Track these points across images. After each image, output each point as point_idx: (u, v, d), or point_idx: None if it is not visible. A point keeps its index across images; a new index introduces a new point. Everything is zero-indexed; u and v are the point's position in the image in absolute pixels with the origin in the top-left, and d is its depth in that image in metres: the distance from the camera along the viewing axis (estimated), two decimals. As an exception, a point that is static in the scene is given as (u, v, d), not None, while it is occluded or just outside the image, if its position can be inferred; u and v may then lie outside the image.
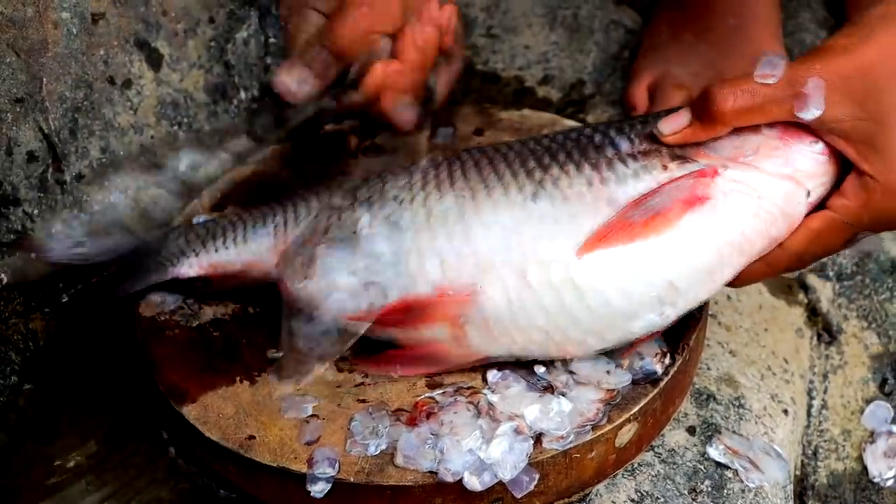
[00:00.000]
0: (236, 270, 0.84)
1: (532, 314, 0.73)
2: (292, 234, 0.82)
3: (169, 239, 0.86)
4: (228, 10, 1.00)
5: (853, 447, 0.96)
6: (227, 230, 0.85)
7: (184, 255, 0.84)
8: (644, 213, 0.72)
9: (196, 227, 0.87)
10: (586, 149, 0.76)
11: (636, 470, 0.79)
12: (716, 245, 0.73)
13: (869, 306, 1.05)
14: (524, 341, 0.75)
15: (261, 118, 1.04)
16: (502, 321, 0.74)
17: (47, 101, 0.89)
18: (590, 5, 1.21)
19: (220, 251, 0.84)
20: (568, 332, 0.74)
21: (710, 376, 0.88)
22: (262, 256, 0.83)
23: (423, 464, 0.71)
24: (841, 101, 0.71)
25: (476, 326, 0.74)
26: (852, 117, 0.71)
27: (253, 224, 0.84)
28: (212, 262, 0.84)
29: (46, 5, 0.87)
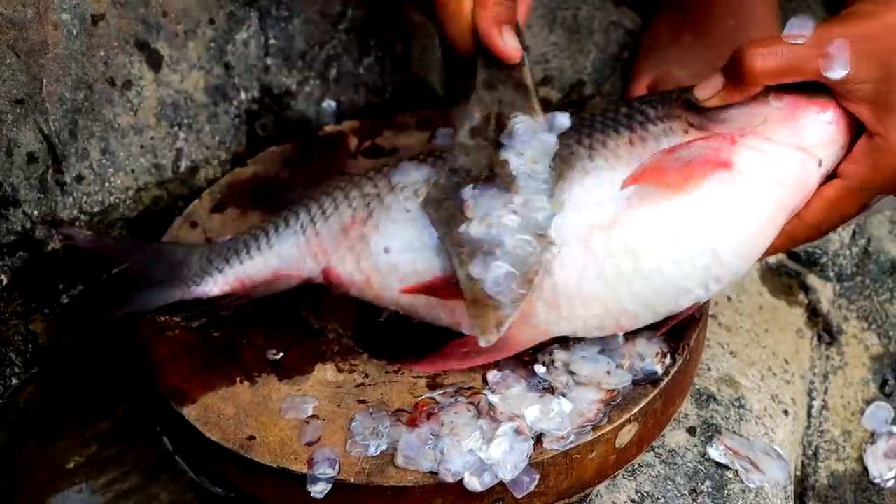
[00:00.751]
0: (265, 280, 0.83)
1: (595, 284, 0.75)
2: (323, 228, 0.82)
3: (192, 257, 0.84)
4: (228, 11, 1.00)
5: (853, 448, 0.96)
6: (248, 241, 0.84)
7: (206, 273, 0.83)
8: (675, 161, 0.75)
9: (217, 244, 0.86)
10: (618, 119, 0.80)
11: (637, 470, 0.79)
12: (753, 213, 0.75)
13: (869, 307, 1.05)
14: (585, 314, 0.76)
15: (261, 119, 1.04)
16: (569, 293, 0.75)
17: (47, 103, 0.89)
18: (589, 6, 1.21)
19: (245, 263, 0.83)
20: (625, 304, 0.76)
21: (711, 377, 0.88)
22: (291, 259, 0.83)
23: (423, 464, 0.71)
24: (865, 63, 0.72)
25: (544, 301, 0.75)
26: (874, 80, 0.73)
27: (276, 228, 0.83)
28: (237, 276, 0.83)
29: (47, 6, 0.87)
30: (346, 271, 0.81)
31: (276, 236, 0.83)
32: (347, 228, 0.81)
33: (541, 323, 0.76)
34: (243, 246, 0.84)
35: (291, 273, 0.83)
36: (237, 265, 0.83)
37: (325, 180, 0.96)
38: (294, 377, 0.79)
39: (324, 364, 0.80)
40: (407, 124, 1.02)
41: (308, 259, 0.82)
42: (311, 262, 0.82)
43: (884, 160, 0.74)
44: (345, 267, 0.81)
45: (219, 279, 0.83)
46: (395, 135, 1.01)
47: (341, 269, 0.81)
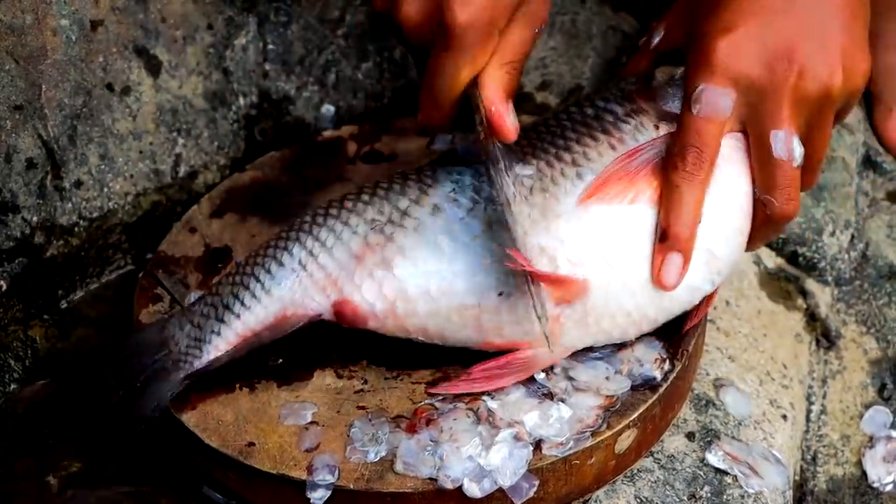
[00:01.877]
0: (269, 326, 0.77)
1: (621, 297, 0.75)
2: (328, 261, 0.77)
3: (170, 331, 0.78)
4: (227, 16, 1.00)
5: (852, 452, 0.96)
6: (239, 292, 0.77)
7: (202, 340, 0.77)
8: (640, 164, 0.76)
9: (199, 305, 0.79)
10: (588, 123, 0.79)
11: (636, 476, 0.79)
12: (736, 201, 0.76)
13: (868, 311, 1.05)
14: (610, 327, 0.76)
15: (259, 124, 1.04)
16: (597, 309, 0.75)
17: (46, 108, 0.89)
18: (588, 11, 1.21)
19: (242, 316, 0.77)
20: (647, 311, 0.76)
21: (710, 382, 0.88)
22: (294, 298, 0.77)
23: (422, 470, 0.72)
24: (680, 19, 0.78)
25: (574, 318, 0.75)
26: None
27: (268, 270, 0.78)
28: (238, 332, 0.77)
29: (45, 12, 0.87)
30: (366, 301, 0.76)
31: (272, 279, 0.77)
32: (361, 256, 0.76)
33: (568, 341, 0.76)
34: (234, 299, 0.77)
35: (297, 313, 0.77)
36: (235, 321, 0.77)
37: (324, 186, 0.96)
38: (293, 383, 0.79)
39: (323, 370, 0.80)
40: (406, 129, 1.02)
41: (315, 295, 0.77)
42: (320, 297, 0.77)
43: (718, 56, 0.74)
44: (363, 296, 0.76)
45: (220, 343, 0.77)
46: (393, 140, 1.01)
47: (358, 299, 0.76)
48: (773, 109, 0.74)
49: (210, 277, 0.88)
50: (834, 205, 1.06)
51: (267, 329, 0.77)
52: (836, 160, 1.09)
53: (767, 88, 0.73)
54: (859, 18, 0.76)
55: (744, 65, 0.73)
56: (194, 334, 0.77)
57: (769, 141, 0.74)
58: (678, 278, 0.75)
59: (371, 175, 0.97)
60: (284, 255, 0.78)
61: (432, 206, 0.77)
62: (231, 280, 0.79)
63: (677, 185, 0.74)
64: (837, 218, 1.05)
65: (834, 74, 0.73)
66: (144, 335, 0.78)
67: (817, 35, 0.73)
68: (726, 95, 0.74)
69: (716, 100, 0.74)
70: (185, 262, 0.90)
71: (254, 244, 0.91)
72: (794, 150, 0.74)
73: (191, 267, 0.89)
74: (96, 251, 0.95)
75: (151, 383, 0.76)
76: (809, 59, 0.73)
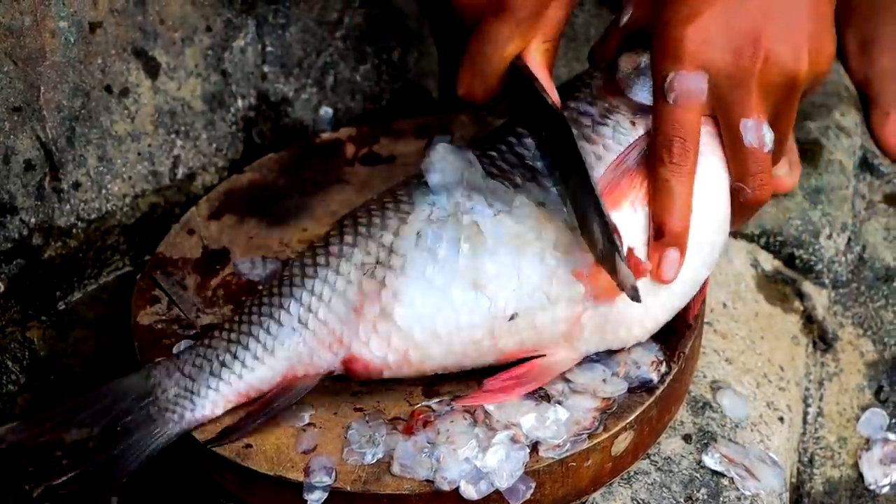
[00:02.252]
0: (277, 386, 0.74)
1: (634, 306, 0.74)
2: (329, 316, 0.74)
3: (158, 377, 0.74)
4: (226, 18, 1.00)
5: (849, 454, 0.96)
6: (236, 351, 0.74)
7: (195, 393, 0.73)
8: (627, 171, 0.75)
9: (190, 355, 0.75)
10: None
11: (632, 478, 0.79)
12: (720, 190, 0.76)
13: (864, 314, 1.05)
14: (625, 334, 0.76)
15: (258, 126, 1.04)
16: (616, 319, 0.75)
17: (44, 110, 0.89)
18: (586, 14, 1.22)
19: (244, 376, 0.74)
20: (658, 316, 0.76)
21: (706, 384, 0.88)
22: (301, 358, 0.74)
23: (419, 472, 0.72)
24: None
25: (592, 329, 0.75)
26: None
27: (268, 330, 0.74)
28: (240, 390, 0.74)
29: (44, 14, 0.87)
30: (377, 357, 0.74)
31: (273, 338, 0.74)
32: (359, 308, 0.74)
33: (583, 347, 0.76)
34: (233, 357, 0.74)
35: (307, 372, 0.75)
36: (235, 380, 0.74)
37: (322, 188, 0.96)
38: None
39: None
40: (404, 131, 1.02)
41: (322, 352, 0.74)
42: (327, 355, 0.74)
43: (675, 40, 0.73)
44: (372, 352, 0.74)
45: (218, 399, 0.74)
46: (392, 142, 1.01)
47: (368, 355, 0.74)
48: (743, 97, 0.73)
49: (208, 279, 0.88)
50: (831, 207, 1.06)
51: (275, 390, 0.74)
52: (833, 163, 1.10)
53: (735, 76, 0.73)
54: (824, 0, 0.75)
55: (712, 52, 0.72)
56: (184, 384, 0.74)
57: (739, 130, 0.74)
58: (677, 272, 0.74)
59: (369, 176, 0.97)
60: (282, 314, 0.75)
61: (415, 235, 0.75)
62: (227, 337, 0.75)
63: (666, 180, 0.73)
64: (834, 221, 1.06)
65: (800, 59, 0.73)
66: (127, 381, 0.74)
67: (783, 18, 0.73)
68: (700, 80, 0.73)
69: (689, 86, 0.73)
70: (184, 264, 0.90)
71: (251, 246, 0.91)
72: (764, 136, 0.74)
73: (189, 268, 0.89)
74: (94, 253, 0.95)
75: (134, 433, 0.72)
76: (775, 43, 0.72)
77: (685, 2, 0.73)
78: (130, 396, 0.73)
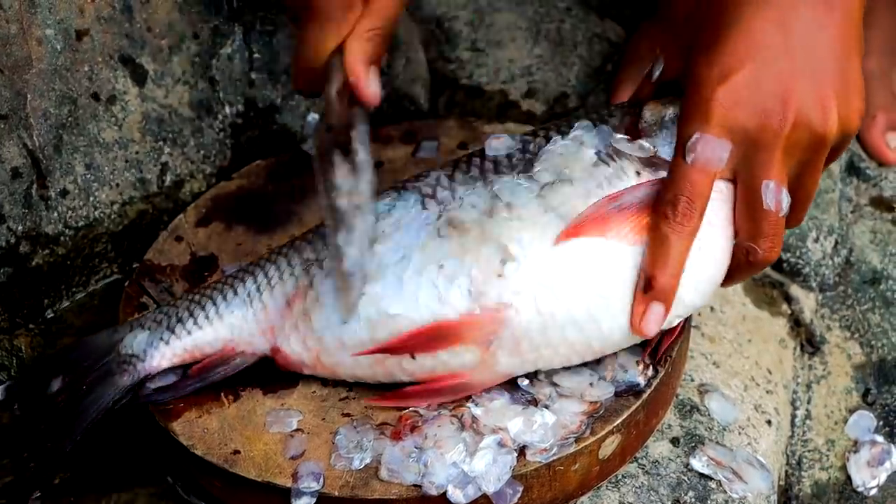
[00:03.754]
0: (215, 354, 0.78)
1: (563, 326, 0.74)
2: (270, 301, 0.78)
3: (122, 334, 0.79)
4: (213, 25, 1.00)
5: (837, 457, 0.97)
6: (194, 310, 0.79)
7: (151, 346, 0.78)
8: (619, 209, 0.74)
9: (154, 313, 0.80)
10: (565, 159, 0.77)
11: (620, 482, 0.79)
12: (712, 253, 0.75)
13: (852, 316, 1.05)
14: (550, 356, 0.75)
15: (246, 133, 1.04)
16: (533, 339, 0.74)
17: (31, 118, 0.89)
18: (573, 19, 1.22)
19: (193, 333, 0.78)
20: (592, 342, 0.75)
21: (694, 387, 0.88)
22: (241, 333, 0.78)
23: (407, 477, 0.72)
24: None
25: (506, 349, 0.74)
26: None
27: (224, 296, 0.79)
28: (186, 347, 0.78)
29: (31, 22, 0.87)
30: (294, 352, 0.77)
31: (226, 305, 0.79)
32: (291, 302, 0.78)
33: (500, 368, 0.75)
34: (189, 315, 0.79)
35: (244, 350, 0.79)
36: (185, 335, 0.78)
37: (310, 194, 0.96)
38: (279, 391, 0.79)
39: (308, 378, 0.80)
40: (391, 137, 1.02)
41: (257, 336, 0.78)
42: (261, 339, 0.78)
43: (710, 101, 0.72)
44: (292, 347, 0.77)
45: (166, 351, 0.78)
46: (379, 148, 1.01)
47: (289, 349, 0.77)
48: (766, 160, 0.72)
49: (196, 286, 0.88)
50: (818, 211, 1.07)
51: (213, 357, 0.78)
52: (820, 166, 1.10)
53: (762, 139, 0.72)
54: (853, 53, 0.74)
55: (741, 114, 0.72)
56: (143, 338, 0.78)
57: (759, 191, 0.73)
58: (658, 327, 0.74)
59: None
60: (238, 286, 0.79)
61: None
62: (189, 298, 0.80)
63: (666, 236, 0.73)
64: (821, 224, 1.06)
65: (828, 120, 0.72)
66: (97, 338, 0.79)
67: (813, 78, 0.72)
68: (723, 147, 0.72)
69: (712, 151, 0.72)
70: (171, 271, 0.90)
71: (240, 252, 0.91)
72: (782, 200, 0.73)
73: (177, 275, 0.90)
74: (82, 260, 0.95)
75: (97, 386, 0.77)
76: (805, 104, 0.72)
77: (717, 61, 0.72)
78: (98, 352, 0.78)
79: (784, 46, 0.72)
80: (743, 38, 0.72)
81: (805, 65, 0.72)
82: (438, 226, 0.76)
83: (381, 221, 0.78)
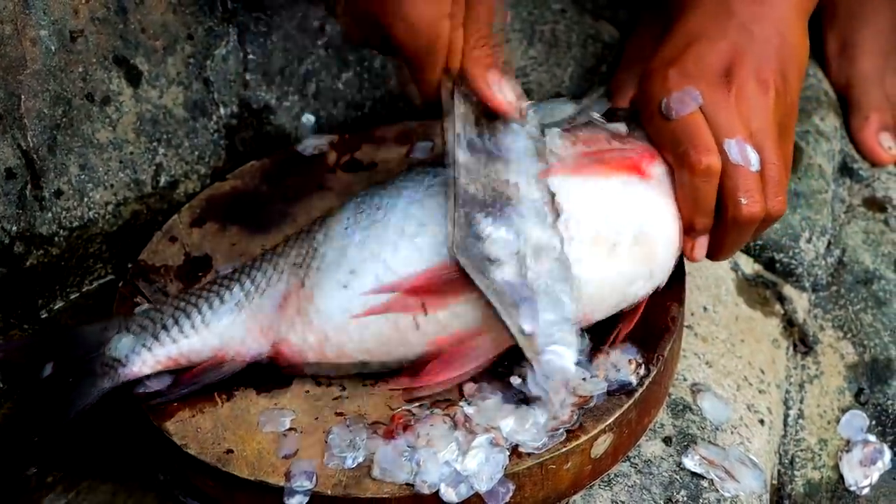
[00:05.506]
0: (205, 361, 0.78)
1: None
2: (263, 304, 0.79)
3: (112, 332, 0.78)
4: (207, 26, 1.00)
5: (829, 456, 0.97)
6: (179, 318, 0.78)
7: (134, 351, 0.77)
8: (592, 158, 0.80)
9: (140, 317, 0.79)
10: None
11: (612, 481, 0.79)
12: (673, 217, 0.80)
13: (844, 316, 1.06)
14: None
15: (240, 133, 1.04)
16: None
17: (26, 119, 0.89)
18: (567, 20, 1.22)
19: (178, 341, 0.78)
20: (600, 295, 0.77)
21: (687, 387, 0.88)
22: (233, 339, 0.78)
23: (399, 476, 0.72)
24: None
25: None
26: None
27: (210, 304, 0.79)
28: (170, 355, 0.78)
29: (25, 23, 0.88)
30: (295, 347, 0.77)
31: (213, 313, 0.78)
32: (284, 302, 0.78)
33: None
34: (174, 322, 0.78)
35: (236, 355, 0.78)
36: (169, 343, 0.78)
37: (304, 195, 0.96)
38: (272, 390, 0.79)
39: (301, 377, 0.80)
40: (386, 138, 1.02)
41: (253, 338, 0.78)
42: (259, 340, 0.78)
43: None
44: (291, 343, 0.78)
45: (148, 358, 0.77)
46: (373, 149, 1.01)
47: (288, 346, 0.78)
48: (724, 121, 0.78)
49: (190, 286, 0.88)
50: (810, 211, 1.07)
51: (203, 363, 0.78)
52: (813, 167, 1.10)
53: (714, 102, 0.78)
54: (792, 45, 0.82)
55: (692, 83, 0.79)
56: (127, 342, 0.77)
57: (724, 150, 0.78)
58: (705, 251, 0.81)
59: (351, 184, 0.98)
60: (225, 294, 0.79)
61: (331, 231, 0.79)
62: (175, 304, 0.80)
63: (693, 185, 0.78)
64: (814, 224, 1.06)
65: (766, 89, 0.80)
66: (89, 329, 0.79)
67: (751, 56, 0.80)
68: (690, 91, 0.79)
69: (685, 97, 0.79)
70: (166, 272, 0.90)
71: (234, 253, 0.91)
72: (749, 156, 0.78)
73: (171, 276, 0.90)
74: (76, 261, 0.95)
75: (81, 382, 0.76)
76: (746, 75, 0.79)
77: (663, 55, 0.82)
78: (87, 346, 0.78)
79: (722, 33, 0.81)
80: (682, 35, 0.82)
81: (744, 45, 0.81)
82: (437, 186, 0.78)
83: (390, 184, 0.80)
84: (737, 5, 0.83)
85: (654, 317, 0.81)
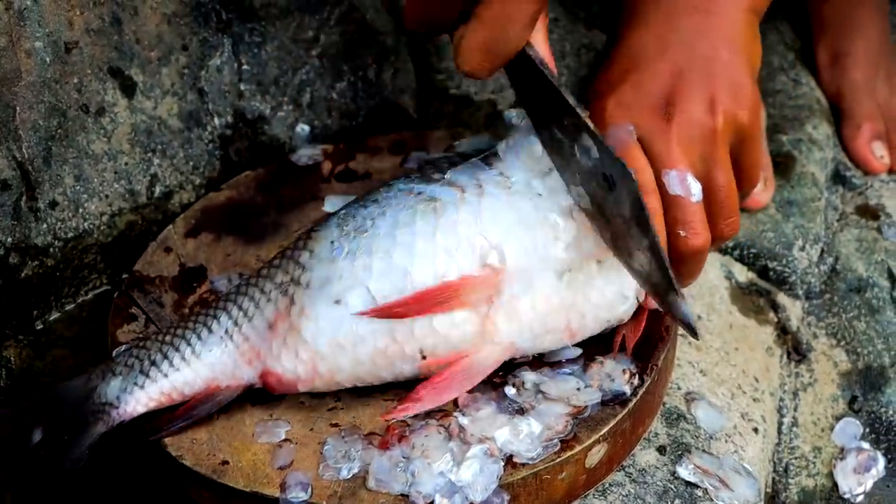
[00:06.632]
0: (199, 393, 0.77)
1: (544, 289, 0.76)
2: (250, 331, 0.78)
3: (95, 381, 0.77)
4: (201, 37, 1.00)
5: (823, 464, 0.97)
6: (168, 352, 0.77)
7: (125, 391, 0.76)
8: None
9: (124, 356, 0.78)
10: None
11: (607, 490, 0.80)
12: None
13: (838, 324, 1.06)
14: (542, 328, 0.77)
15: (235, 144, 1.05)
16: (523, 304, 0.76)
17: (21, 130, 0.89)
18: (561, 29, 1.23)
19: (170, 375, 0.77)
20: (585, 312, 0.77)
21: (681, 396, 0.88)
22: (225, 368, 0.78)
23: (394, 487, 0.72)
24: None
25: (503, 312, 0.75)
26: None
27: (198, 336, 0.78)
28: (163, 390, 0.77)
29: (20, 34, 0.88)
30: (287, 369, 0.77)
31: (202, 343, 0.78)
32: (274, 325, 0.77)
33: (503, 338, 0.77)
34: (163, 357, 0.77)
35: (230, 384, 0.78)
36: (161, 378, 0.77)
37: (299, 205, 0.97)
38: (267, 402, 0.79)
39: (296, 389, 0.80)
40: (380, 148, 1.03)
41: (243, 366, 0.78)
42: (247, 368, 0.78)
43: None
44: (283, 365, 0.77)
45: (141, 396, 0.76)
46: (368, 159, 1.02)
47: (280, 368, 0.77)
48: (662, 151, 0.77)
49: (185, 297, 0.89)
50: (804, 219, 1.07)
51: (197, 396, 0.77)
52: (806, 175, 1.11)
53: (652, 133, 0.77)
54: (742, 53, 0.80)
55: (630, 114, 0.78)
56: (116, 385, 0.77)
57: (663, 181, 0.77)
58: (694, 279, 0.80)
59: (346, 193, 0.98)
60: (213, 323, 0.79)
61: (320, 249, 0.78)
62: (162, 339, 0.79)
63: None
64: (807, 232, 1.07)
65: (715, 114, 0.77)
66: (72, 385, 0.77)
67: (695, 76, 0.78)
68: (625, 127, 0.77)
69: (618, 132, 0.77)
70: (161, 282, 0.90)
71: (229, 263, 0.92)
72: (689, 186, 0.76)
73: (166, 286, 0.90)
74: (71, 271, 0.95)
75: (76, 436, 0.75)
76: (688, 100, 0.77)
77: (605, 80, 0.81)
78: (74, 400, 0.76)
79: (662, 54, 0.80)
80: (625, 55, 0.81)
81: (686, 66, 0.79)
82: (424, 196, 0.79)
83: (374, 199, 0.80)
84: (681, 18, 0.80)
85: (648, 327, 0.81)
